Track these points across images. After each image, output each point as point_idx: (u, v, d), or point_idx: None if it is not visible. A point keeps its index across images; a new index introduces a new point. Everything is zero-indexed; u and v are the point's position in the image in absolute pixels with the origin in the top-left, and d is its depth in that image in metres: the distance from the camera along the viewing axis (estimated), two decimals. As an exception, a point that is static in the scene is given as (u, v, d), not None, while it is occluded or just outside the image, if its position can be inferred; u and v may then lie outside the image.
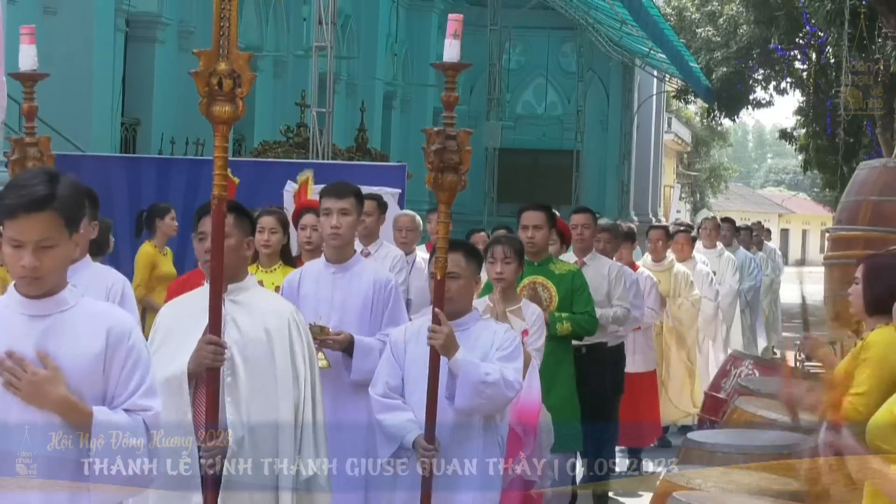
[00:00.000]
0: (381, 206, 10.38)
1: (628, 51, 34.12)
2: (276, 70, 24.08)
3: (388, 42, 29.01)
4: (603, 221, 11.55)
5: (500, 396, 6.03)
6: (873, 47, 27.76)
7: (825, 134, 32.76)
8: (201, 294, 5.56)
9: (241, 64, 5.20)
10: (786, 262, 51.96)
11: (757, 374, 10.34)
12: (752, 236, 19.08)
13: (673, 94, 41.93)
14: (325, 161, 15.30)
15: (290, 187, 11.00)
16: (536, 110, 35.23)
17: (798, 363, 15.68)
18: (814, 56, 34.31)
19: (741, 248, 17.33)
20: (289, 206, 9.98)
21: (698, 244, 15.95)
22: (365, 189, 12.87)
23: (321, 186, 11.52)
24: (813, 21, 30.86)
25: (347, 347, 6.87)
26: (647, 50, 31.08)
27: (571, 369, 8.86)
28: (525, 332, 7.40)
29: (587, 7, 29.94)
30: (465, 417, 6.08)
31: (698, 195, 65.05)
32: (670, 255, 13.40)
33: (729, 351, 14.82)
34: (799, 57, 35.56)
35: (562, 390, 8.54)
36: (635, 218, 33.17)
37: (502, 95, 31.53)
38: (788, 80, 36.38)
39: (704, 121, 50.23)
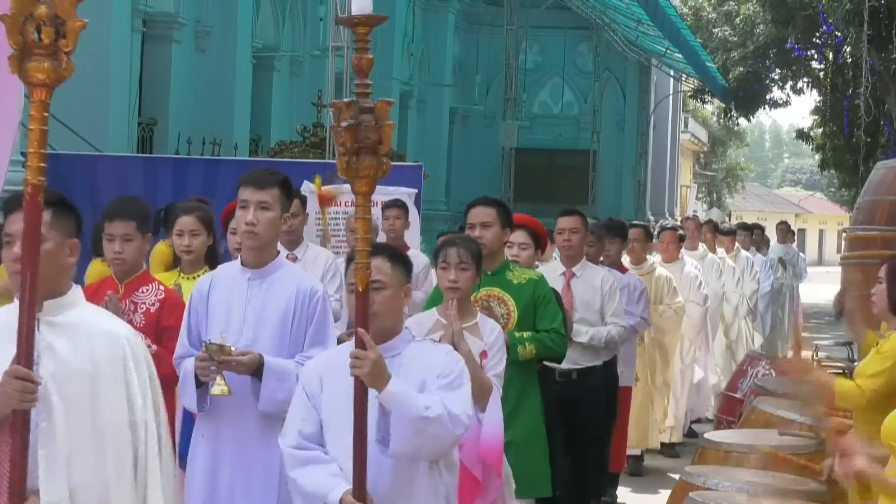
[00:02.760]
0: (302, 200, 8.99)
1: (645, 50, 34.13)
2: (293, 70, 24.12)
3: (405, 42, 29.02)
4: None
5: (445, 435, 4.78)
6: (891, 46, 27.71)
7: (842, 133, 32.71)
8: (13, 312, 4.12)
9: (67, 7, 3.86)
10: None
11: (774, 374, 10.32)
12: (751, 237, 18.02)
13: (689, 93, 41.91)
14: (342, 161, 15.29)
15: (307, 187, 10.95)
16: (553, 110, 35.25)
17: (815, 362, 15.62)
18: (831, 56, 34.27)
19: (742, 250, 16.38)
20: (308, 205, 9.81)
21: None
22: (380, 189, 12.92)
23: (331, 186, 11.54)
24: (830, 21, 30.80)
25: (257, 370, 5.60)
26: (664, 50, 31.09)
27: (537, 398, 7.24)
28: (484, 354, 6.27)
29: (603, 7, 29.94)
30: (404, 466, 4.84)
31: (715, 195, 65.02)
32: (652, 257, 12.07)
33: (715, 360, 14.08)
34: (816, 56, 35.50)
35: (525, 424, 7.00)
36: (651, 218, 33.15)
37: (518, 95, 31.53)
38: (805, 79, 36.34)
39: (721, 120, 50.22)
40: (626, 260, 11.60)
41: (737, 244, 16.22)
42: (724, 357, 14.92)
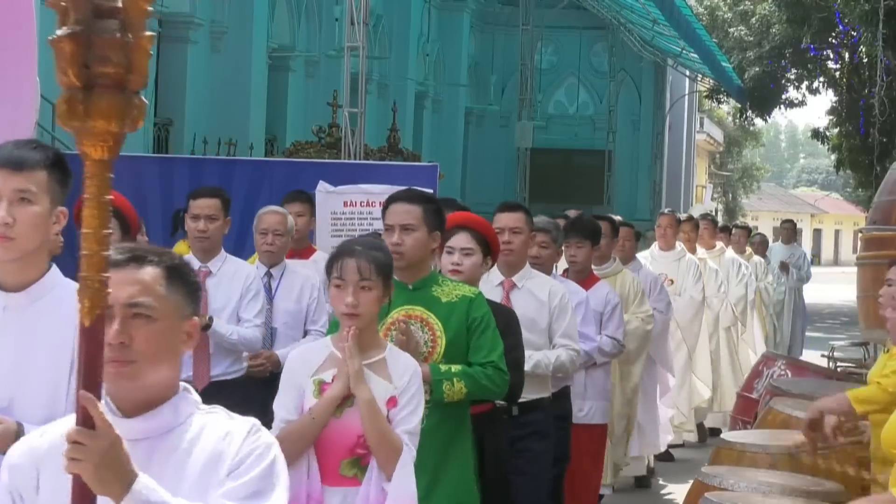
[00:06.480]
0: (225, 202, 7.41)
1: (660, 50, 34.12)
2: (308, 70, 24.17)
3: (420, 42, 29.07)
4: (540, 219, 7.85)
5: None
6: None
7: (858, 133, 32.67)
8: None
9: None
10: (818, 263, 51.29)
11: (789, 375, 10.29)
12: (730, 235, 16.30)
13: (705, 93, 41.91)
14: (357, 161, 15.31)
15: (323, 187, 10.93)
16: (568, 110, 35.29)
17: (829, 363, 15.57)
18: (846, 55, 34.25)
19: (728, 249, 14.81)
20: (321, 206, 9.80)
21: (654, 247, 12.91)
22: (390, 189, 12.87)
23: (346, 187, 11.49)
24: (846, 20, 30.78)
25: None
26: (680, 49, 31.06)
27: (469, 453, 5.55)
28: (392, 402, 4.65)
29: (619, 7, 29.95)
30: None
31: (730, 195, 64.99)
32: (616, 256, 10.18)
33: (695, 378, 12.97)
34: (831, 56, 35.48)
35: (454, 487, 5.34)
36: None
37: (534, 95, 31.56)
38: (821, 79, 36.32)
39: (737, 121, 50.19)
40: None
41: (720, 243, 14.64)
42: (706, 373, 13.32)
